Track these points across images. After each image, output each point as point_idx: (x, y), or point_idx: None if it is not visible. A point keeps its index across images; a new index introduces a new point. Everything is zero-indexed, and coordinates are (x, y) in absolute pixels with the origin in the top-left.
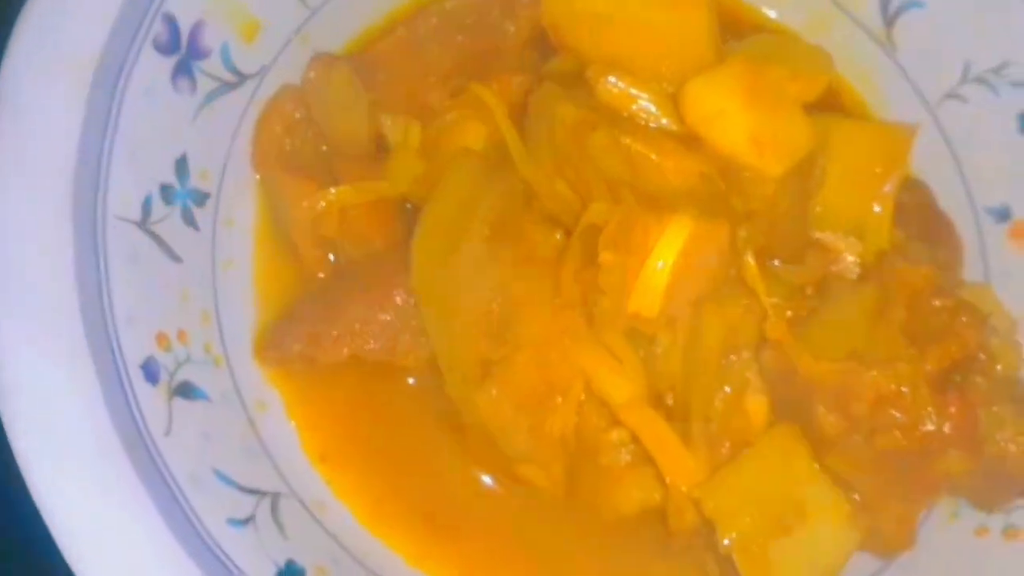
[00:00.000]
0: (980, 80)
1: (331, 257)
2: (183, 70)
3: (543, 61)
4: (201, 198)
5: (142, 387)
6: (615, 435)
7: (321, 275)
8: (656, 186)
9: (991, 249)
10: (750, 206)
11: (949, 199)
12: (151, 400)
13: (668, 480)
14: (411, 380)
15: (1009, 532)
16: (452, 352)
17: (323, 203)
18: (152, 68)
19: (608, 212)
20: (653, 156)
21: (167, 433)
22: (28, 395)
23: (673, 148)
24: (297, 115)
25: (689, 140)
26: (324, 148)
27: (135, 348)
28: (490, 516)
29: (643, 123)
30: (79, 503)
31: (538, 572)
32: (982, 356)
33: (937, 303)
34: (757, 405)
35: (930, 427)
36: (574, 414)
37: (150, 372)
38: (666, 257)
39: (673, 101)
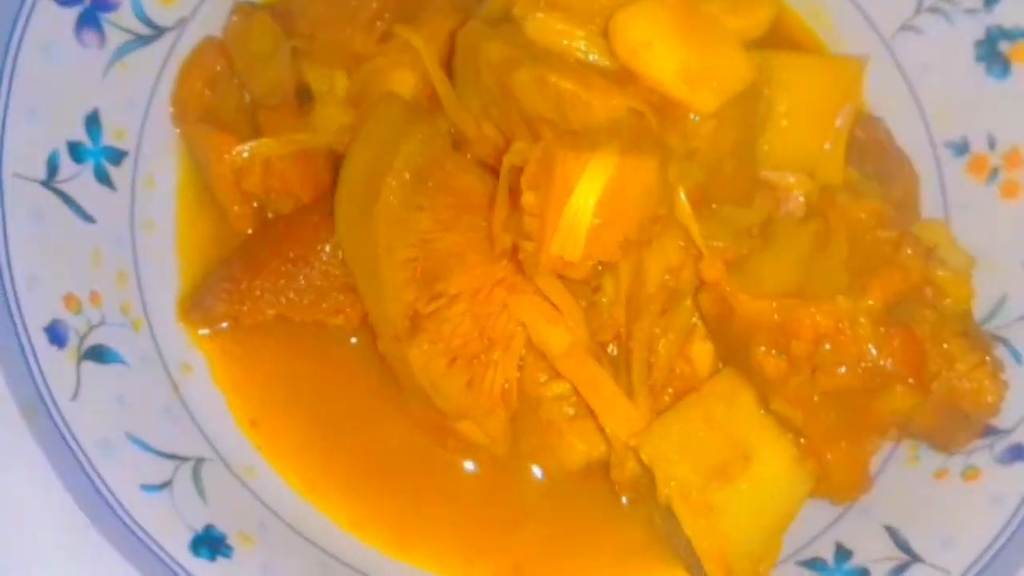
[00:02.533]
0: (934, 9)
1: (260, 214)
2: (88, 22)
3: (475, 3)
4: (117, 156)
5: (45, 350)
6: (557, 388)
7: (249, 232)
8: (583, 124)
9: (950, 183)
10: (691, 144)
11: (907, 134)
12: (56, 364)
13: (608, 430)
14: (353, 340)
15: (968, 473)
16: (380, 307)
17: (245, 155)
18: (51, 20)
19: (528, 151)
20: (581, 93)
21: (73, 397)
22: None
23: (602, 84)
24: (218, 67)
25: (621, 77)
26: (247, 101)
27: (38, 310)
28: (430, 477)
29: (573, 60)
30: None
31: (481, 533)
32: (929, 291)
33: (881, 235)
34: (702, 352)
35: (871, 363)
36: (515, 369)
37: (56, 335)
38: (588, 197)
39: (605, 37)
